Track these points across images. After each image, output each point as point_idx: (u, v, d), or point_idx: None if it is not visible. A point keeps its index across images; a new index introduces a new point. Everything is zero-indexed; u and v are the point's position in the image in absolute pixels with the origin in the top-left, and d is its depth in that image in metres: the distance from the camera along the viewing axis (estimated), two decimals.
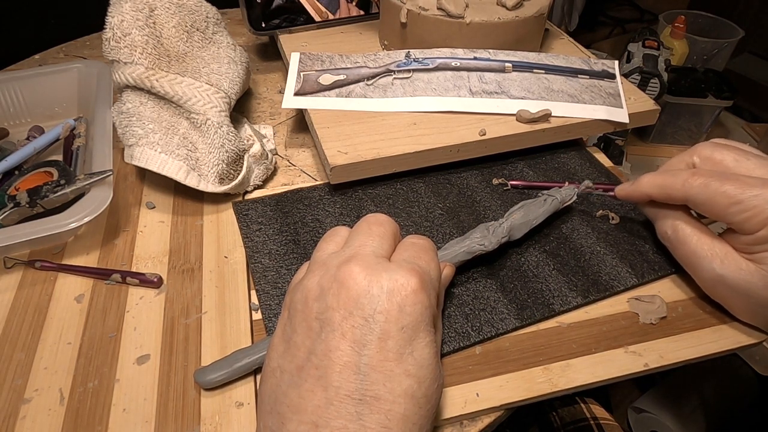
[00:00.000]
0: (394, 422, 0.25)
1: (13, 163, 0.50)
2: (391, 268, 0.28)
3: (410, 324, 0.26)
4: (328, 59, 0.55)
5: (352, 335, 0.26)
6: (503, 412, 0.35)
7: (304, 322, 0.27)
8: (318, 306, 0.27)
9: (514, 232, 0.41)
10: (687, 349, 0.37)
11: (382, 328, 0.26)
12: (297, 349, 0.27)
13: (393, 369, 0.25)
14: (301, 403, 0.25)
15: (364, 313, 0.26)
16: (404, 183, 0.49)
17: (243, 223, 0.46)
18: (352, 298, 0.26)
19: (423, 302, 0.27)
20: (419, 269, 0.28)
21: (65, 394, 0.34)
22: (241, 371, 0.34)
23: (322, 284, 0.28)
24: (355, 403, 0.25)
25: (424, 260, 0.30)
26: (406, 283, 0.27)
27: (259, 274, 0.41)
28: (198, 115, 0.46)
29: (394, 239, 0.31)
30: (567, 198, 0.44)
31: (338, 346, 0.26)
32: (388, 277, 0.27)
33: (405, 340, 0.26)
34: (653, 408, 0.88)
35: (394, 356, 0.26)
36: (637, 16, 1.70)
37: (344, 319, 0.26)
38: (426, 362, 0.27)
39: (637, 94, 0.54)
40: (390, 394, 0.25)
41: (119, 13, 0.46)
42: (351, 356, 0.25)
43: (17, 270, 0.43)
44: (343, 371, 0.25)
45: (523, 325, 0.38)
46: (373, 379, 0.25)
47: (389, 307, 0.26)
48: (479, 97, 0.51)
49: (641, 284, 0.41)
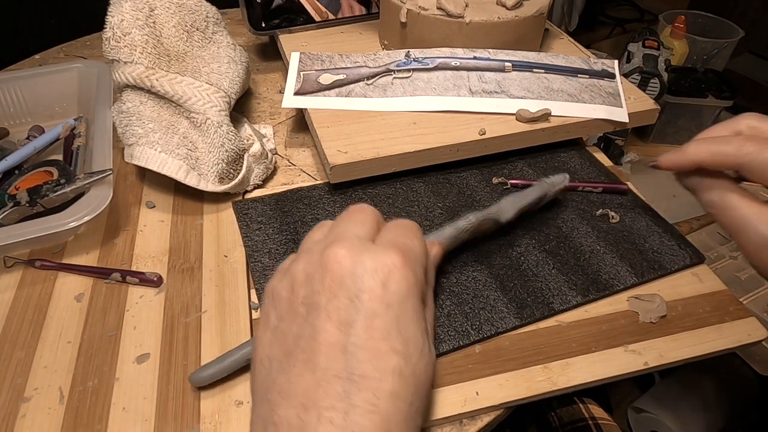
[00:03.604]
0: (382, 400, 0.25)
1: (13, 162, 0.50)
2: (374, 248, 0.28)
3: (396, 301, 0.27)
4: (328, 59, 0.55)
5: (338, 316, 0.26)
6: (503, 411, 0.35)
7: (290, 309, 0.28)
8: (304, 291, 0.27)
9: (502, 212, 0.40)
10: (687, 348, 0.37)
11: (367, 307, 0.26)
12: (284, 335, 0.27)
13: (380, 347, 0.25)
14: (290, 387, 0.25)
15: (349, 294, 0.26)
16: (404, 182, 0.49)
17: (243, 223, 0.46)
18: (337, 279, 0.27)
19: (408, 278, 0.27)
20: (402, 246, 0.29)
21: (65, 392, 0.35)
22: (231, 367, 0.34)
23: (308, 270, 0.28)
24: (342, 383, 0.25)
25: (407, 237, 0.30)
26: (389, 260, 0.27)
27: (258, 273, 0.41)
28: (198, 115, 0.46)
29: (376, 224, 0.32)
30: (557, 182, 0.43)
31: (324, 327, 0.26)
32: (371, 256, 0.27)
33: (391, 317, 0.26)
34: (653, 408, 0.87)
35: (380, 334, 0.26)
36: (637, 16, 1.70)
37: (329, 301, 0.26)
38: (413, 339, 0.27)
39: (636, 93, 0.54)
40: (377, 372, 0.25)
41: (119, 12, 0.46)
42: (338, 337, 0.25)
43: (17, 269, 0.43)
44: (330, 352, 0.25)
45: (523, 324, 0.38)
46: (360, 358, 0.25)
47: (373, 285, 0.26)
48: (479, 96, 0.51)
49: (641, 283, 0.41)
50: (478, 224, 0.39)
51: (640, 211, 0.47)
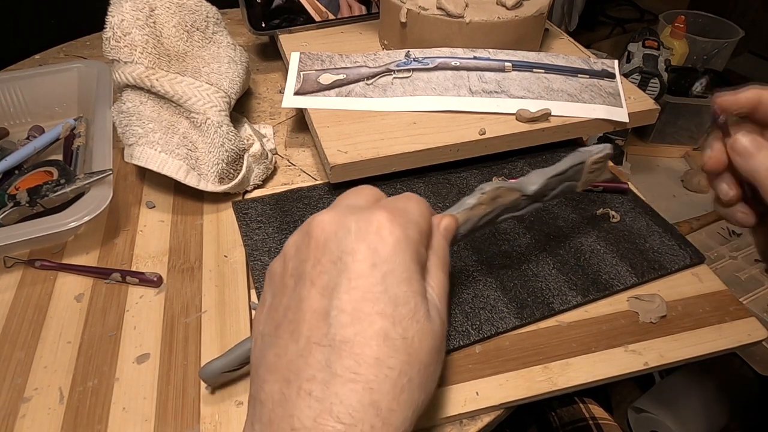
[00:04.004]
0: (364, 366, 0.23)
1: (13, 162, 0.50)
2: (360, 211, 0.26)
3: (381, 260, 0.24)
4: (328, 59, 0.55)
5: (321, 281, 0.24)
6: (503, 411, 0.35)
7: (281, 282, 0.27)
8: (293, 263, 0.26)
9: (525, 183, 0.35)
10: (687, 348, 0.37)
11: (350, 268, 0.24)
12: (275, 310, 0.26)
13: (363, 308, 0.23)
14: (276, 362, 0.24)
15: (332, 257, 0.25)
16: (404, 183, 0.49)
17: (243, 222, 0.46)
18: (321, 244, 0.25)
19: (396, 235, 0.25)
20: (392, 206, 0.27)
21: (65, 392, 0.34)
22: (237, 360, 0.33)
23: (297, 242, 0.27)
24: (323, 350, 0.23)
25: (401, 201, 0.28)
26: (375, 219, 0.25)
27: (258, 272, 0.41)
28: (198, 115, 0.46)
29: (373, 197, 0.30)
30: (596, 151, 0.37)
31: (309, 294, 0.24)
32: (356, 218, 0.25)
33: (376, 277, 0.24)
34: (653, 408, 0.87)
35: (364, 296, 0.24)
36: (637, 16, 1.70)
37: (313, 267, 0.25)
38: (402, 300, 0.24)
39: (636, 93, 0.54)
40: (360, 336, 0.23)
41: (119, 12, 0.46)
42: (320, 302, 0.24)
43: (17, 269, 0.43)
44: (313, 319, 0.24)
45: (523, 323, 0.38)
46: (342, 322, 0.23)
47: (357, 246, 0.25)
48: (479, 96, 0.51)
49: (641, 283, 0.41)
50: (495, 195, 0.34)
51: (640, 211, 0.47)
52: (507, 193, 0.34)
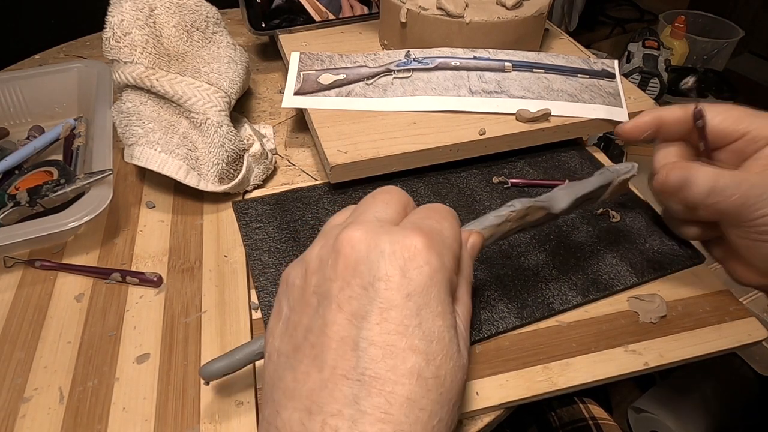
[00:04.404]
0: (396, 407, 0.21)
1: (13, 162, 0.50)
2: (394, 230, 0.24)
3: (416, 290, 0.23)
4: (328, 59, 0.55)
5: (350, 307, 0.23)
6: (503, 411, 0.35)
7: (301, 298, 0.25)
8: (316, 279, 0.25)
9: (554, 201, 0.35)
10: (687, 348, 0.37)
11: (383, 296, 0.23)
12: (294, 328, 0.25)
13: (396, 343, 0.22)
14: (296, 387, 0.23)
15: (363, 282, 0.23)
16: (404, 182, 0.49)
17: (242, 222, 0.46)
18: (350, 265, 0.23)
19: (431, 264, 0.24)
20: (428, 228, 0.25)
21: (65, 392, 0.34)
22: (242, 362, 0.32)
23: (321, 255, 0.25)
24: (351, 384, 0.22)
25: (435, 219, 0.26)
26: (410, 243, 0.24)
27: (258, 271, 0.41)
28: (198, 115, 0.46)
29: (402, 206, 0.28)
30: (623, 170, 0.37)
31: (335, 319, 0.23)
32: (389, 239, 0.24)
33: (411, 309, 0.23)
34: (653, 408, 0.87)
35: (397, 329, 0.22)
36: (637, 16, 1.70)
37: (341, 289, 0.23)
38: (437, 335, 0.23)
39: (636, 93, 0.54)
40: (392, 373, 0.22)
41: (119, 12, 0.46)
42: (348, 330, 0.23)
43: (17, 269, 0.43)
44: (340, 348, 0.22)
45: (523, 323, 0.38)
46: (373, 356, 0.22)
47: (390, 272, 0.23)
48: (479, 96, 0.51)
49: (641, 283, 0.41)
50: (524, 213, 0.33)
51: (641, 211, 0.47)
52: (536, 211, 0.34)
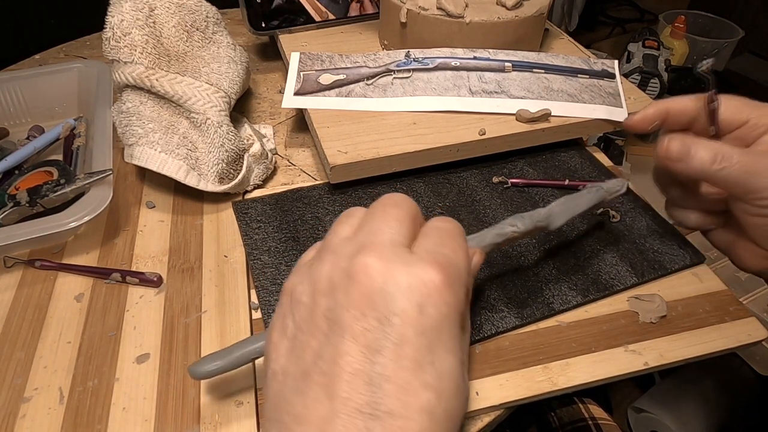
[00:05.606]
0: None
1: (13, 162, 0.50)
2: (411, 260, 0.24)
3: (432, 327, 0.23)
4: (328, 59, 0.55)
5: (365, 339, 0.23)
6: (503, 411, 0.35)
7: (310, 320, 0.25)
8: (327, 302, 0.24)
9: (552, 219, 0.36)
10: (687, 348, 0.37)
11: (398, 332, 0.23)
12: (302, 350, 0.24)
13: (410, 380, 0.22)
14: (305, 413, 0.23)
15: (379, 315, 0.23)
16: (404, 182, 0.49)
17: (242, 222, 0.46)
18: (366, 296, 0.23)
19: (448, 301, 0.24)
20: (445, 261, 0.25)
21: (65, 392, 0.34)
22: (237, 362, 0.32)
23: (333, 277, 0.25)
24: (365, 418, 0.22)
25: (450, 248, 0.26)
26: (429, 278, 0.24)
27: (258, 270, 0.41)
28: (198, 115, 0.46)
29: (414, 222, 0.28)
30: (614, 189, 0.39)
31: (348, 351, 0.23)
32: (408, 271, 0.24)
33: (425, 346, 0.23)
34: (653, 408, 0.87)
35: (411, 365, 0.23)
36: (637, 16, 1.70)
37: (356, 320, 0.23)
38: (448, 373, 0.24)
39: (636, 93, 0.54)
40: (405, 410, 0.22)
41: (119, 12, 0.46)
42: (362, 364, 0.23)
43: (17, 269, 0.43)
44: (353, 381, 0.22)
45: (523, 323, 0.38)
46: (387, 392, 0.22)
47: (407, 307, 0.23)
48: (479, 96, 0.51)
49: (641, 283, 0.41)
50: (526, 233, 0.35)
51: (641, 211, 0.47)
52: (535, 230, 0.35)
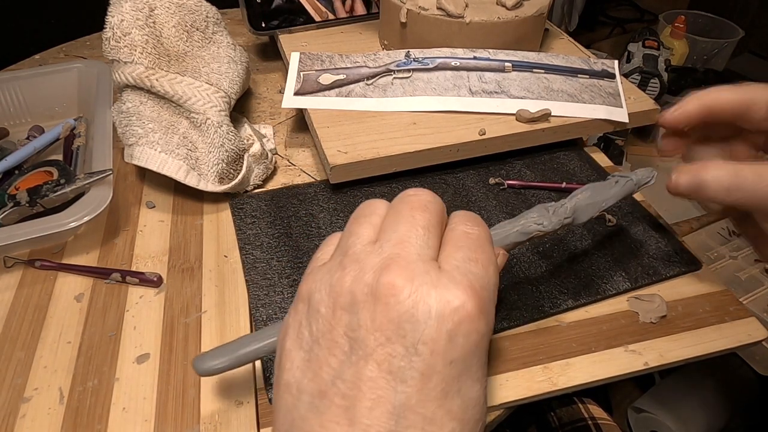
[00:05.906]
0: None
1: (13, 162, 0.50)
2: (441, 282, 0.22)
3: (461, 357, 0.22)
4: (328, 59, 0.55)
5: (389, 366, 0.22)
6: (503, 411, 0.35)
7: (329, 334, 0.23)
8: (348, 319, 0.23)
9: (578, 213, 0.34)
10: (687, 348, 0.37)
11: (426, 362, 0.21)
12: (319, 366, 0.23)
13: (435, 411, 0.21)
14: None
15: (406, 342, 0.22)
16: (400, 182, 0.49)
17: (237, 216, 0.46)
18: (392, 320, 0.22)
19: (479, 330, 0.22)
20: (478, 284, 0.23)
21: (65, 392, 0.35)
22: (243, 360, 0.30)
23: (355, 292, 0.23)
24: None
25: (482, 264, 0.25)
26: (461, 306, 0.22)
27: (249, 265, 0.42)
28: (198, 115, 0.46)
29: (441, 226, 0.26)
30: (644, 179, 0.37)
31: (371, 376, 0.22)
32: (438, 296, 0.22)
33: (452, 377, 0.22)
34: (653, 408, 0.87)
35: (437, 395, 0.22)
36: (637, 16, 1.70)
37: (380, 345, 0.22)
38: (473, 402, 0.23)
39: (636, 93, 0.54)
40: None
41: (119, 12, 0.46)
42: (385, 391, 0.21)
43: (17, 269, 0.43)
44: (375, 408, 0.21)
45: (511, 326, 0.38)
46: (411, 422, 0.21)
47: (437, 336, 0.22)
48: (479, 96, 0.51)
49: (634, 289, 0.41)
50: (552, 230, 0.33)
51: (637, 215, 0.47)
52: (561, 228, 0.34)
